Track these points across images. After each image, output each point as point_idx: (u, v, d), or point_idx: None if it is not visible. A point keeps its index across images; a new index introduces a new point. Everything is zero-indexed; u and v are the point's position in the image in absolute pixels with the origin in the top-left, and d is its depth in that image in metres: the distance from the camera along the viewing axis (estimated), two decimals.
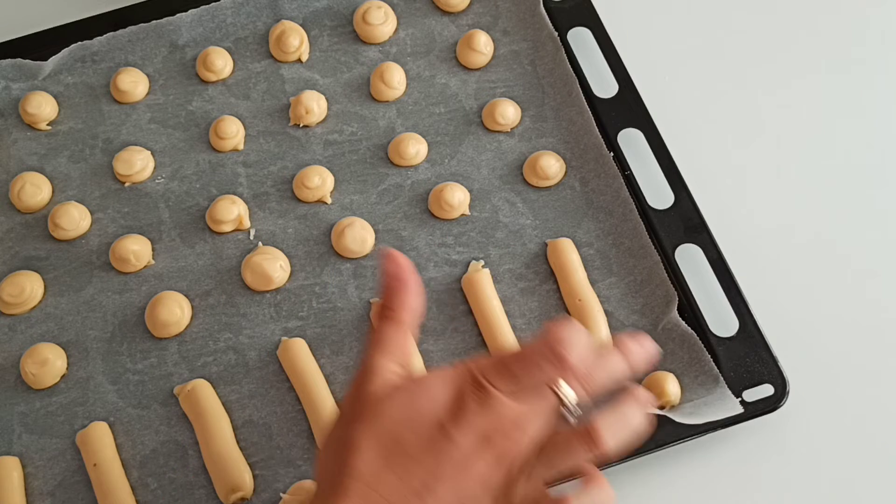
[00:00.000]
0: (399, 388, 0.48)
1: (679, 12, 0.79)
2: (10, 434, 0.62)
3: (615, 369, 0.49)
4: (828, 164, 0.71)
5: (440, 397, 0.47)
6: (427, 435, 0.46)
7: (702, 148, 0.71)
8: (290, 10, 0.76)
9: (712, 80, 0.75)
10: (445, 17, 0.77)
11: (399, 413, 0.46)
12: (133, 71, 0.74)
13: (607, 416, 0.48)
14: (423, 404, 0.46)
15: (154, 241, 0.69)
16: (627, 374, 0.49)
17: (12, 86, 0.74)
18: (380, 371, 0.48)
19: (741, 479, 0.60)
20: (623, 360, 0.49)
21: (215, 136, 0.71)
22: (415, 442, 0.46)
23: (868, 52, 0.76)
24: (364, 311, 0.65)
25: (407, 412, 0.46)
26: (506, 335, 0.63)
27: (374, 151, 0.71)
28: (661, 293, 0.64)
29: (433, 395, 0.47)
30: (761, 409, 0.60)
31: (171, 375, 0.64)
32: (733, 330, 0.63)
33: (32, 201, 0.70)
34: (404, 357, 0.50)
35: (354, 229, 0.67)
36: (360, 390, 0.48)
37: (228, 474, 0.59)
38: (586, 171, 0.69)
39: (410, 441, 0.46)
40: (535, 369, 0.47)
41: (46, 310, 0.66)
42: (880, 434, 0.62)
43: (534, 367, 0.47)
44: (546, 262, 0.66)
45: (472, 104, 0.73)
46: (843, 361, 0.64)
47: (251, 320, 0.65)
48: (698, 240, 0.66)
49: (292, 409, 0.62)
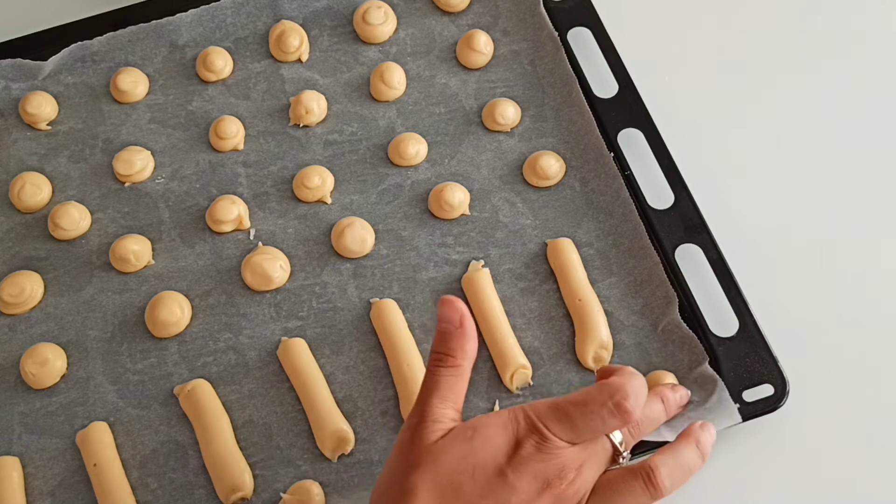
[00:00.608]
0: (457, 436, 0.48)
1: (679, 12, 0.79)
2: (10, 434, 0.62)
3: (657, 418, 0.54)
4: (828, 163, 0.71)
5: (498, 443, 0.47)
6: (486, 481, 0.46)
7: (702, 148, 0.71)
8: (290, 10, 0.76)
9: (712, 80, 0.75)
10: (445, 17, 0.77)
11: (457, 460, 0.47)
12: (133, 71, 0.74)
13: (666, 458, 0.49)
14: (480, 450, 0.47)
15: (154, 241, 0.69)
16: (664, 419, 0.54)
17: (12, 86, 0.74)
18: (438, 418, 0.49)
19: (741, 479, 0.60)
20: (662, 408, 0.54)
21: (215, 136, 0.71)
22: (474, 488, 0.46)
23: (869, 52, 0.76)
24: (364, 311, 0.65)
25: (465, 459, 0.47)
26: (506, 335, 0.63)
27: (374, 151, 0.71)
28: (661, 293, 0.64)
29: (491, 440, 0.47)
30: (761, 409, 0.60)
31: (171, 375, 0.64)
32: (733, 330, 0.63)
33: (32, 201, 0.70)
34: (460, 403, 0.50)
35: (354, 229, 0.67)
36: (417, 438, 0.48)
37: (228, 474, 0.59)
38: (586, 171, 0.69)
39: (469, 487, 0.46)
40: (598, 421, 0.48)
41: (46, 310, 0.66)
42: (880, 434, 0.62)
43: (596, 418, 0.48)
44: (546, 262, 0.66)
45: (472, 104, 0.73)
46: (843, 361, 0.64)
47: (251, 320, 0.65)
48: (698, 240, 0.66)
49: (292, 409, 0.62)
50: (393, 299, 0.65)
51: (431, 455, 0.47)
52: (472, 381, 0.61)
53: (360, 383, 0.63)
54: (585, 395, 0.48)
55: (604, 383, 0.49)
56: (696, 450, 0.51)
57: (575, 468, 0.47)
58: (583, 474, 0.48)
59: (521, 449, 0.47)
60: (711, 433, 0.53)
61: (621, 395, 0.47)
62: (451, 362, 0.50)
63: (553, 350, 0.63)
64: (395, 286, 0.66)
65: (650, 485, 0.48)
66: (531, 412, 0.48)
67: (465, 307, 0.51)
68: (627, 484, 0.48)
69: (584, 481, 0.48)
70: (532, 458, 0.47)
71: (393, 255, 0.67)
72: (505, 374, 0.62)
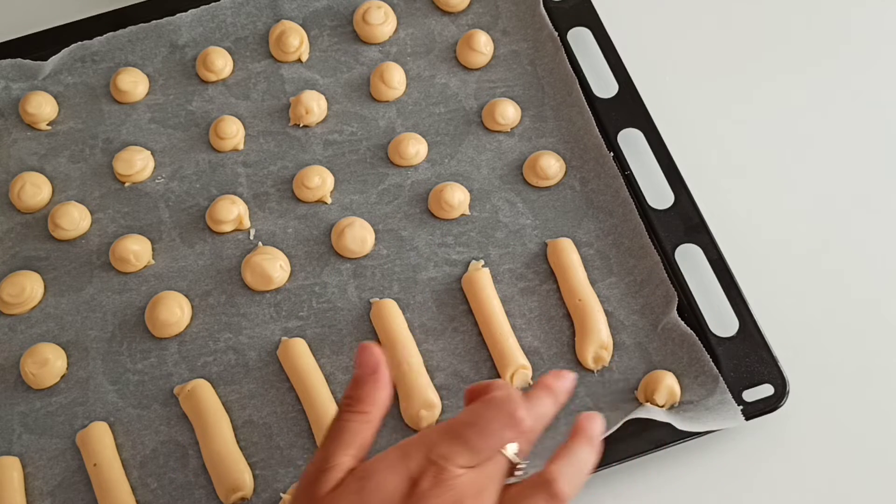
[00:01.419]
0: (348, 486, 0.45)
1: (679, 12, 0.79)
2: (10, 434, 0.62)
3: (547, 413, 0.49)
4: (828, 163, 0.71)
5: (390, 487, 0.45)
6: None
7: (702, 148, 0.71)
8: (290, 10, 0.76)
9: (712, 80, 0.75)
10: (445, 17, 0.77)
11: None
12: (133, 71, 0.74)
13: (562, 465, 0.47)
14: (373, 499, 0.45)
15: (154, 241, 0.69)
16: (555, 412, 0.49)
17: (12, 86, 0.74)
18: (335, 466, 0.46)
19: (741, 479, 0.60)
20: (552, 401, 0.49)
21: (215, 136, 0.71)
22: None
23: (869, 52, 0.76)
24: (364, 310, 0.65)
25: None
26: (506, 335, 0.63)
27: (374, 151, 0.71)
28: (661, 293, 0.64)
29: (382, 486, 0.45)
30: (761, 409, 0.60)
31: (171, 375, 0.64)
32: (733, 330, 0.63)
33: (32, 201, 0.70)
34: (363, 452, 0.48)
35: (354, 229, 0.67)
36: (312, 488, 0.46)
37: (228, 474, 0.59)
38: (586, 171, 0.69)
39: None
40: (494, 438, 0.46)
41: (46, 310, 0.66)
42: (880, 434, 0.62)
43: (491, 434, 0.46)
44: (546, 262, 0.66)
45: (472, 104, 0.73)
46: (843, 361, 0.64)
47: (251, 320, 0.65)
48: (698, 240, 0.66)
49: (292, 409, 0.62)
50: (393, 299, 0.65)
51: None
52: (474, 382, 0.62)
53: None
54: (474, 414, 0.46)
55: (489, 398, 0.47)
56: (588, 447, 0.48)
57: (473, 495, 0.45)
58: (483, 501, 0.46)
59: (418, 487, 0.45)
60: (599, 423, 0.50)
61: (511, 405, 0.46)
62: (360, 408, 0.48)
63: (553, 350, 0.63)
64: (395, 286, 0.66)
65: (552, 498, 0.46)
66: (423, 445, 0.46)
67: (382, 356, 0.49)
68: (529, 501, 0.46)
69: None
70: (430, 495, 0.44)
71: (393, 255, 0.67)
72: (505, 374, 0.62)
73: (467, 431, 0.46)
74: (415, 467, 0.45)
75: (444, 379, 0.63)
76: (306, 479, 0.46)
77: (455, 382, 0.62)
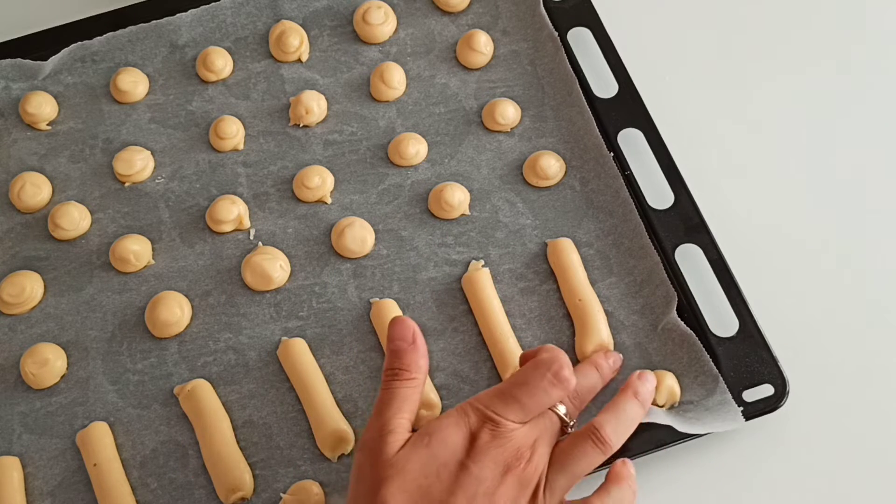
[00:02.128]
0: (415, 444, 0.51)
1: (679, 12, 0.79)
2: (10, 434, 0.62)
3: (594, 385, 0.58)
4: (828, 163, 0.71)
5: (455, 441, 0.51)
6: (452, 478, 0.50)
7: (702, 148, 0.71)
8: (290, 10, 0.76)
9: (712, 80, 0.75)
10: (445, 17, 0.77)
11: (421, 466, 0.50)
12: (133, 71, 0.74)
13: (609, 416, 0.54)
14: (440, 452, 0.50)
15: (154, 241, 0.69)
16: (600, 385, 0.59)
17: (12, 86, 0.74)
18: (394, 429, 0.51)
19: (741, 479, 0.60)
20: (598, 375, 0.58)
21: (215, 136, 0.71)
22: (442, 488, 0.49)
23: (870, 52, 0.76)
24: (364, 310, 0.65)
25: (428, 463, 0.50)
26: (506, 335, 0.63)
27: (374, 151, 0.71)
28: (661, 293, 0.64)
29: (448, 440, 0.51)
30: (761, 409, 0.60)
31: (171, 375, 0.64)
32: (733, 330, 0.63)
33: (32, 201, 0.70)
34: (414, 414, 0.54)
35: (354, 229, 0.67)
36: (377, 453, 0.51)
37: (228, 474, 0.59)
38: (586, 171, 0.69)
39: (437, 488, 0.49)
40: (543, 395, 0.52)
41: (46, 310, 0.66)
42: (880, 434, 0.62)
43: (540, 392, 0.52)
44: (546, 262, 0.66)
45: (472, 104, 0.73)
46: (843, 362, 0.64)
47: (251, 320, 0.65)
48: (698, 240, 0.66)
49: (292, 409, 0.62)
50: (393, 299, 0.65)
51: (395, 467, 0.50)
52: (474, 382, 0.62)
53: (360, 383, 0.63)
54: (524, 375, 0.52)
55: (537, 360, 0.53)
56: (636, 401, 0.55)
57: (529, 447, 0.51)
58: (538, 450, 0.51)
59: (478, 440, 0.51)
60: (650, 382, 0.57)
61: (557, 365, 0.52)
62: (406, 376, 0.53)
63: None
64: (395, 286, 0.66)
65: (599, 442, 0.52)
66: (479, 404, 0.52)
67: (416, 326, 0.55)
68: (579, 447, 0.52)
69: (541, 456, 0.51)
70: (489, 446, 0.50)
71: (393, 255, 0.67)
72: (505, 374, 0.62)
73: (517, 390, 0.52)
74: (474, 423, 0.51)
75: (444, 379, 0.63)
76: (368, 447, 0.52)
77: (455, 382, 0.62)
